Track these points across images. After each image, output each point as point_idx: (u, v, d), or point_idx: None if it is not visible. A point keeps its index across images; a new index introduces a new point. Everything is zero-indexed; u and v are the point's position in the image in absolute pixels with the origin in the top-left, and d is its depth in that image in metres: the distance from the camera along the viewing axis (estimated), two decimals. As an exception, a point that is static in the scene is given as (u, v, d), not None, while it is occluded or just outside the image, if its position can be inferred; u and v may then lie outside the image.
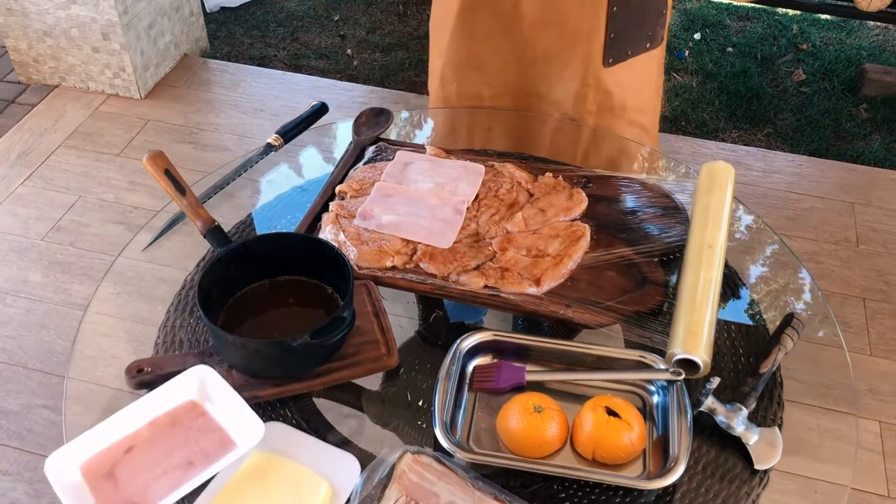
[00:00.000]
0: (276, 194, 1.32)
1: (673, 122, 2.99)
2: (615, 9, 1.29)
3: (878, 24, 3.43)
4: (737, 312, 1.14)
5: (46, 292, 2.25)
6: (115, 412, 0.95)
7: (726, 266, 1.16)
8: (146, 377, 0.99)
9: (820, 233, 2.45)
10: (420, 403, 1.02)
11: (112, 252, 2.32)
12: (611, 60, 1.34)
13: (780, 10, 3.50)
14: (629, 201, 1.25)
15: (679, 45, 3.35)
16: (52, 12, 2.79)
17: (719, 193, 1.19)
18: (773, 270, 1.27)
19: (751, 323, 1.13)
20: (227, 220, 1.24)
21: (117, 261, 1.24)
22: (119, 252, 1.25)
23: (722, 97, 3.09)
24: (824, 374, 1.11)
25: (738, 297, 1.16)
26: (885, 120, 2.97)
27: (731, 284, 1.17)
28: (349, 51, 3.37)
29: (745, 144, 2.87)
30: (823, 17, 3.48)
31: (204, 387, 0.98)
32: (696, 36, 3.41)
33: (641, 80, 1.42)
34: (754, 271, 1.25)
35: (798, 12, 3.49)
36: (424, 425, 0.99)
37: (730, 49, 3.34)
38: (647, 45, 1.37)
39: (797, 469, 0.98)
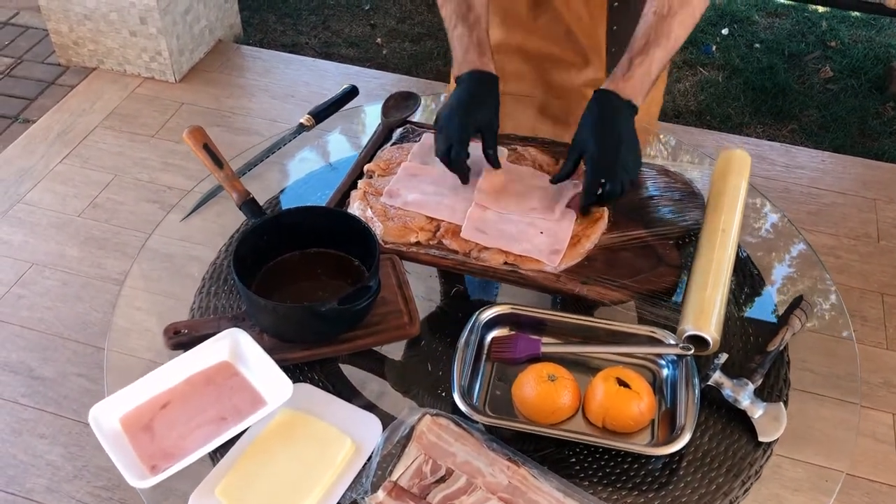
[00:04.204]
0: (307, 172, 1.38)
1: (698, 115, 3.01)
2: (615, 28, 1.35)
3: (909, 22, 3.42)
4: (748, 294, 1.17)
5: (82, 266, 2.33)
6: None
7: (740, 250, 1.20)
8: (182, 338, 1.05)
9: (841, 228, 2.47)
10: (440, 373, 1.07)
11: (146, 229, 2.39)
12: (611, 68, 1.39)
13: (810, 7, 3.50)
14: (648, 186, 1.29)
15: (706, 40, 3.36)
16: (93, -4, 2.87)
17: (735, 179, 1.23)
18: (789, 264, 1.30)
19: (761, 304, 1.16)
20: (260, 194, 1.29)
21: (151, 238, 1.29)
22: (152, 230, 1.30)
23: (748, 92, 3.10)
24: (837, 366, 1.13)
25: (751, 280, 1.19)
26: (911, 118, 2.97)
27: (744, 268, 1.20)
28: (379, 39, 3.43)
29: (769, 140, 2.88)
30: (853, 14, 3.47)
31: (237, 348, 1.03)
32: (724, 31, 3.42)
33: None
34: (771, 264, 1.27)
35: (828, 9, 3.48)
36: (444, 394, 1.04)
37: (757, 45, 3.35)
38: None
39: (809, 458, 1.01)
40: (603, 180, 1.12)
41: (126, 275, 1.23)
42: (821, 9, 3.50)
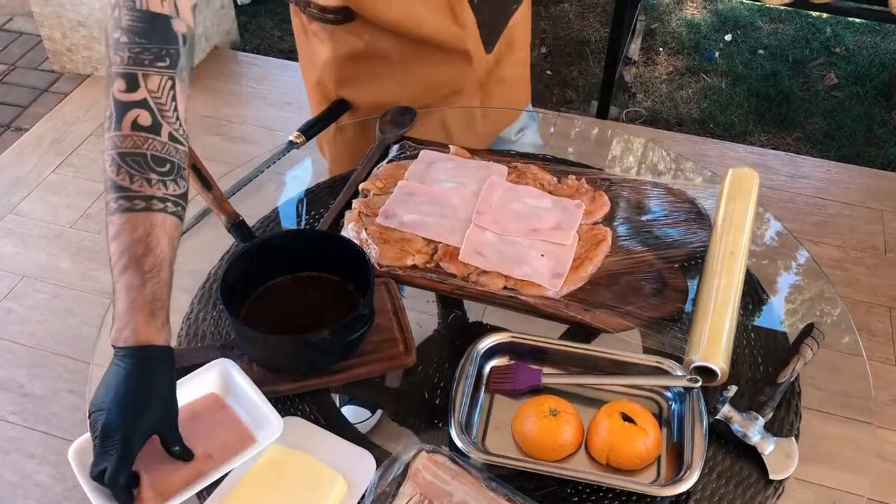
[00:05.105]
0: (299, 191, 1.34)
1: (700, 123, 2.97)
2: (480, 20, 1.30)
3: (914, 28, 3.38)
4: (757, 320, 1.13)
5: (74, 279, 2.29)
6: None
7: (748, 274, 1.15)
8: (169, 368, 1.01)
9: (847, 240, 2.43)
10: (437, 402, 1.03)
11: (139, 241, 2.35)
12: (489, 48, 1.35)
13: (814, 13, 3.46)
14: (652, 206, 1.25)
15: (709, 47, 3.32)
16: (87, 2, 2.83)
17: (743, 200, 1.18)
18: (795, 278, 1.26)
19: (771, 331, 1.12)
20: (251, 215, 1.25)
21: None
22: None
23: (751, 100, 3.06)
24: (845, 383, 1.10)
25: (759, 306, 1.15)
26: (917, 126, 2.93)
27: (753, 292, 1.16)
28: (377, 46, 3.38)
29: (773, 148, 2.84)
30: (858, 20, 3.42)
31: (225, 380, 0.99)
32: (727, 37, 3.38)
33: (518, 33, 1.42)
34: (776, 279, 1.24)
35: (832, 16, 3.44)
36: (441, 424, 1.00)
37: (761, 51, 3.31)
38: (514, 7, 1.37)
39: (816, 478, 0.97)
40: None
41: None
42: (825, 15, 3.46)
